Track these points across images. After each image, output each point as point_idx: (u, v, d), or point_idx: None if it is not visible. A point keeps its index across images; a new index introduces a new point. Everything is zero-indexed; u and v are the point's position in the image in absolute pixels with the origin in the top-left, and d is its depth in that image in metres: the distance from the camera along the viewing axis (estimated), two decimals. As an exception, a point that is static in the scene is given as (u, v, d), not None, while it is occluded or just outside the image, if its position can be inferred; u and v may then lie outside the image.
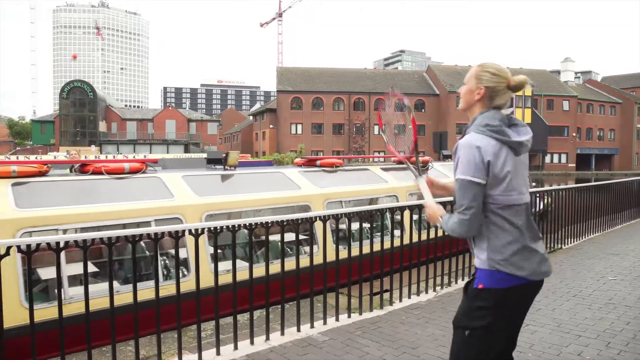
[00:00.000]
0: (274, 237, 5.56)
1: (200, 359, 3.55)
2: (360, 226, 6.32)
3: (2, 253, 2.82)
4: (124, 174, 5.80)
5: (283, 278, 4.02)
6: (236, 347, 3.76)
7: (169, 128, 64.75)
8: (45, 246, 3.03)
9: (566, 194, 8.00)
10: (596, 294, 5.09)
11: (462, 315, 2.06)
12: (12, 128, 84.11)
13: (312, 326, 4.22)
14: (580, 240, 8.27)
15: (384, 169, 8.76)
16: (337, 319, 4.41)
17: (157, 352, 3.41)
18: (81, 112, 62.38)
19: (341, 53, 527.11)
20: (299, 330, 4.14)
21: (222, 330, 3.93)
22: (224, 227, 3.78)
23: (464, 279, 5.62)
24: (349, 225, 4.57)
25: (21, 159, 34.66)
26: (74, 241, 3.14)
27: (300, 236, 4.38)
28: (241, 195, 6.34)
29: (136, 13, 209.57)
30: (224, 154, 7.18)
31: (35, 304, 4.50)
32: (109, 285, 3.27)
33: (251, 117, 73.97)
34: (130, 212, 5.26)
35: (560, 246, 7.61)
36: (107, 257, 3.29)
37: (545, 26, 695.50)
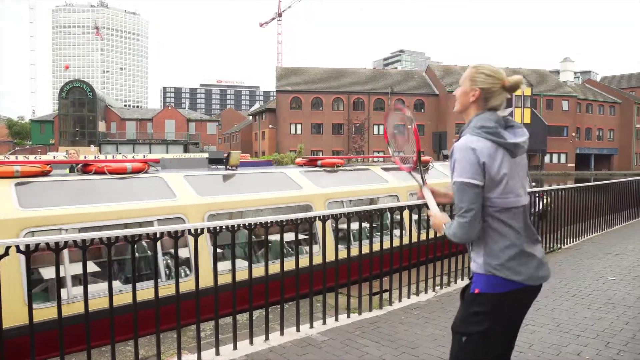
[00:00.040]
0: (276, 237, 5.57)
1: (200, 359, 3.55)
2: (360, 226, 6.32)
3: (1, 253, 2.81)
4: (126, 173, 5.81)
5: (282, 278, 4.02)
6: (235, 347, 3.76)
7: (168, 128, 64.74)
8: (45, 246, 3.04)
9: (565, 194, 8.00)
10: (595, 293, 5.10)
11: (459, 321, 2.05)
12: (12, 128, 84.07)
13: (311, 326, 4.22)
14: (579, 240, 8.28)
15: (384, 168, 8.76)
16: (337, 319, 4.41)
17: (157, 352, 3.41)
18: (80, 112, 62.36)
19: (340, 53, 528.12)
20: (298, 330, 4.13)
21: (221, 330, 3.93)
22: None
23: (463, 279, 5.62)
24: (349, 225, 4.57)
25: (20, 159, 34.60)
26: (73, 241, 3.14)
27: (302, 236, 4.38)
28: (243, 195, 6.35)
29: (135, 13, 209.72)
30: (226, 154, 7.19)
31: (38, 304, 4.52)
32: (109, 285, 3.27)
33: (250, 117, 73.98)
34: (133, 212, 5.27)
35: (559, 246, 7.62)
36: (107, 257, 3.29)
37: (544, 26, 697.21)
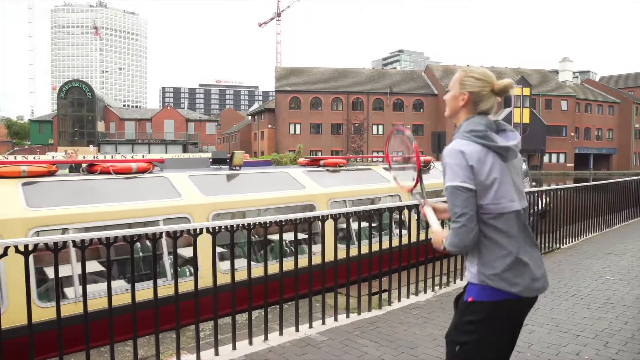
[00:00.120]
0: (285, 235, 5.60)
1: (199, 359, 3.55)
2: (359, 226, 6.33)
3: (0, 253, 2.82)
4: (131, 173, 5.82)
5: (282, 278, 4.01)
6: (235, 347, 3.76)
7: (167, 128, 64.76)
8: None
9: (564, 193, 8.01)
10: (594, 293, 5.10)
11: (452, 329, 2.02)
12: (10, 128, 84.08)
13: (310, 326, 4.22)
14: (578, 240, 8.28)
15: (386, 168, 8.78)
16: (336, 319, 4.41)
17: (156, 352, 3.41)
18: (79, 112, 62.34)
19: (340, 53, 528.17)
20: (297, 330, 4.13)
21: (220, 330, 3.92)
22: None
23: (462, 279, 5.63)
24: (349, 225, 4.58)
25: (19, 159, 34.58)
26: (72, 241, 3.14)
27: (303, 235, 4.38)
28: (247, 195, 6.37)
29: (134, 13, 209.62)
30: (229, 154, 7.21)
31: (44, 303, 4.53)
32: (107, 285, 3.27)
33: (249, 117, 73.93)
34: (138, 212, 5.28)
35: (558, 246, 7.62)
36: (106, 257, 3.29)
37: (544, 26, 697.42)
